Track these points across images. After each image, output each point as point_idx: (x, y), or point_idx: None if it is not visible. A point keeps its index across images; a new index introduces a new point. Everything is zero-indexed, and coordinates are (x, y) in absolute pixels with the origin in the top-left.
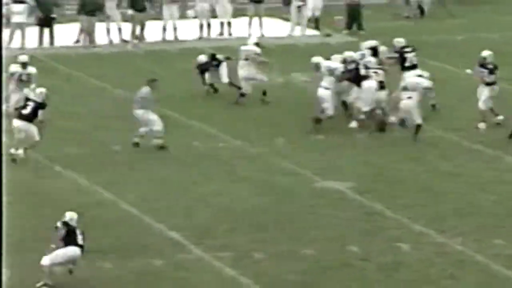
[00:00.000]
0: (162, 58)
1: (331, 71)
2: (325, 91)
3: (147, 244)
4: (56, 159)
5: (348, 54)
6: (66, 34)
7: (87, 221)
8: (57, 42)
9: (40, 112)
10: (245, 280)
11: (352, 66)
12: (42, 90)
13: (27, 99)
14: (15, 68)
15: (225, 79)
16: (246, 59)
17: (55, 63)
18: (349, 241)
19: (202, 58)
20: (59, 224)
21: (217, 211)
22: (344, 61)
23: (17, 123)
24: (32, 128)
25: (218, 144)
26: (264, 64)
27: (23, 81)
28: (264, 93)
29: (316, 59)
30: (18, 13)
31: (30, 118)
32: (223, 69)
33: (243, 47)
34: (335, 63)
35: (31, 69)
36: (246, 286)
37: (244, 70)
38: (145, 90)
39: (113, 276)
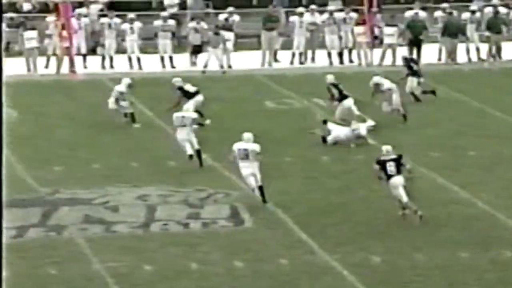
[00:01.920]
0: None
1: None
2: None
3: (499, 237)
4: (422, 162)
5: None
6: (430, 53)
7: (446, 216)
8: (424, 60)
9: None
10: None
11: None
12: None
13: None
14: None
15: None
16: None
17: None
18: None
19: None
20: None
21: None
22: None
23: None
24: None
25: None
26: None
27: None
28: None
29: None
30: (390, 35)
31: None
32: None
33: None
34: None
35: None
36: None
37: None
38: None
39: (469, 264)
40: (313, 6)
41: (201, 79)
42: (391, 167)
